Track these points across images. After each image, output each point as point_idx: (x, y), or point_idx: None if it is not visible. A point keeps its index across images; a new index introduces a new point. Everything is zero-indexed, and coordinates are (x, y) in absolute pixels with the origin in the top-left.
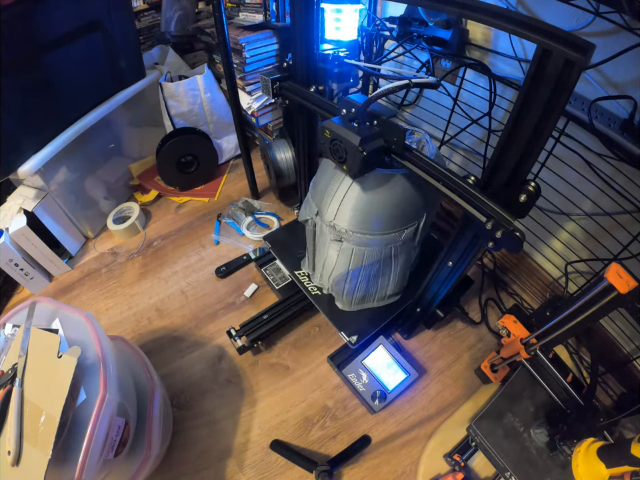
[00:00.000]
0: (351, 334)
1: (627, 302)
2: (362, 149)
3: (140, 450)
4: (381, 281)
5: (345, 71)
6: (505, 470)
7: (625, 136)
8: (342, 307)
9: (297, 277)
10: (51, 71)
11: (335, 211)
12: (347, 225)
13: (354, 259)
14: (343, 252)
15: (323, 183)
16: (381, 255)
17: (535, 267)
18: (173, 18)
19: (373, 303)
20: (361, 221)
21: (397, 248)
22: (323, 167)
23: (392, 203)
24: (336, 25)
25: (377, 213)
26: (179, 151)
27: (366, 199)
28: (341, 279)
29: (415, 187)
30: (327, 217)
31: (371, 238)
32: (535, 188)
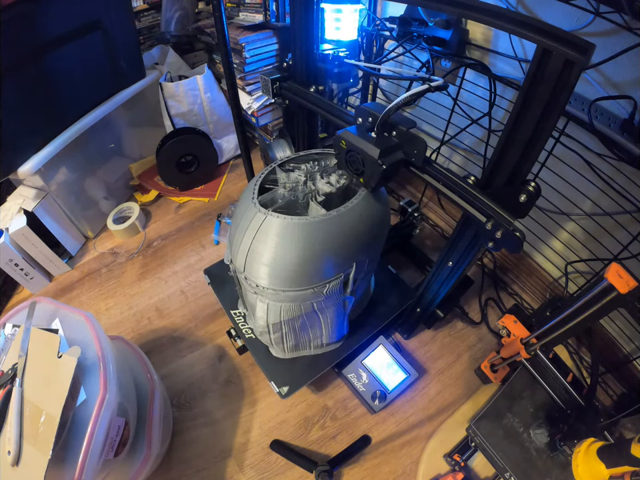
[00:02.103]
0: (282, 384)
1: (627, 302)
2: (381, 162)
3: (140, 450)
4: (311, 332)
5: (344, 70)
6: (504, 470)
7: (625, 136)
8: (276, 354)
9: (232, 317)
10: (51, 71)
11: (243, 263)
12: (257, 279)
13: (271, 314)
14: (259, 305)
15: (232, 229)
16: (301, 311)
17: (534, 267)
18: (172, 18)
19: (310, 350)
20: (272, 277)
21: (319, 303)
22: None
23: (306, 256)
24: (336, 25)
25: (287, 268)
26: (179, 151)
27: (273, 251)
28: (263, 331)
29: (338, 234)
30: (238, 267)
31: (285, 295)
32: (534, 188)
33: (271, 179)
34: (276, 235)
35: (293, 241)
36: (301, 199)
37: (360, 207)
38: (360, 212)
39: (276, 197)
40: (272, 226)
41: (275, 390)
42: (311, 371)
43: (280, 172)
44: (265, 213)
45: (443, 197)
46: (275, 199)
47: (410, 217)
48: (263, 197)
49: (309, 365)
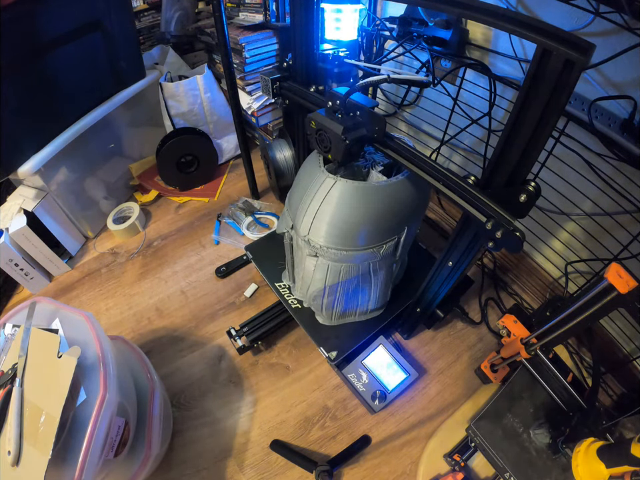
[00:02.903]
0: (331, 349)
1: (627, 302)
2: (345, 138)
3: (140, 450)
4: (361, 297)
5: (344, 70)
6: (504, 470)
7: (624, 136)
8: (322, 322)
9: (278, 290)
10: (51, 71)
11: (308, 226)
12: (322, 241)
13: (330, 275)
14: (318, 267)
15: (297, 196)
16: (359, 271)
17: (534, 267)
18: (172, 18)
19: (355, 317)
20: (336, 236)
21: (375, 264)
22: (298, 178)
23: (368, 217)
24: (336, 25)
25: (353, 228)
26: (179, 151)
27: (340, 213)
28: (318, 294)
29: (394, 200)
30: (301, 231)
31: (346, 254)
32: (534, 188)
33: None
34: (343, 198)
35: (358, 203)
36: (363, 168)
37: (411, 177)
38: (411, 182)
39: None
40: (340, 189)
41: (324, 355)
42: (357, 336)
43: None
44: (334, 178)
45: (442, 197)
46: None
47: None
48: (328, 166)
49: (354, 330)
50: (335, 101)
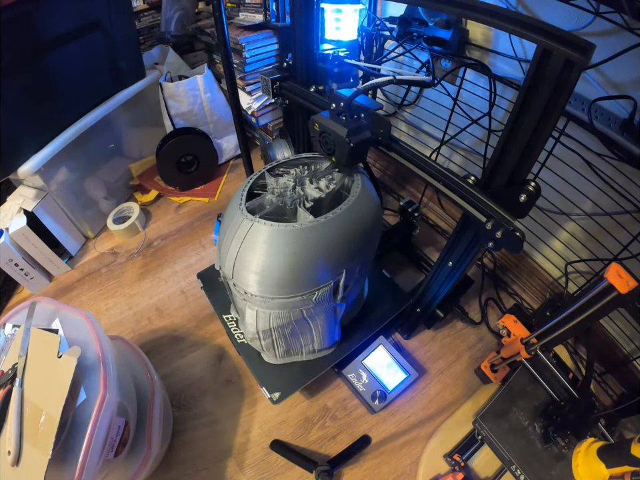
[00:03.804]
0: (273, 390)
1: (626, 302)
2: (349, 140)
3: (140, 450)
4: (302, 339)
5: (344, 70)
6: (510, 463)
7: (625, 136)
8: (267, 360)
9: (225, 322)
10: (51, 71)
11: (231, 270)
12: (245, 287)
13: (260, 320)
14: (248, 312)
15: (221, 235)
16: (291, 317)
17: (535, 267)
18: (172, 18)
19: (302, 356)
20: (260, 284)
21: (309, 310)
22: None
23: (293, 263)
24: (336, 25)
25: (275, 275)
26: (179, 151)
27: (260, 258)
28: (254, 337)
29: (325, 241)
30: (227, 274)
31: (273, 302)
32: (535, 188)
33: (260, 184)
34: (263, 242)
35: (280, 248)
36: (289, 205)
37: (349, 213)
38: (349, 218)
39: (264, 202)
40: (259, 233)
41: (266, 396)
42: (303, 376)
43: (269, 177)
44: (252, 220)
45: (442, 197)
46: (263, 204)
47: (410, 217)
48: (250, 203)
49: (301, 370)
50: (339, 103)
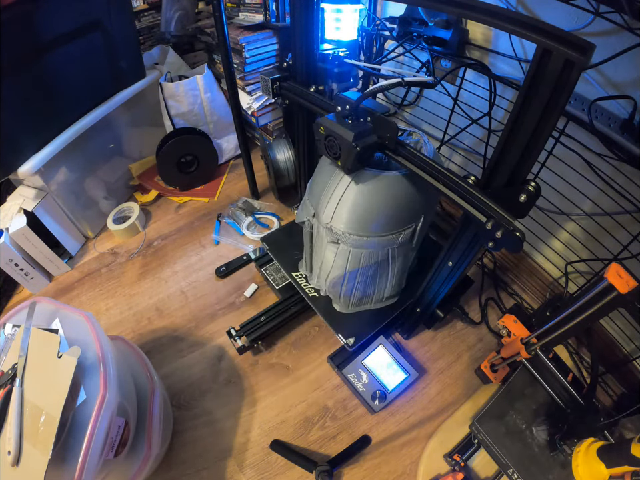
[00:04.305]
0: (348, 336)
1: (626, 302)
2: (355, 145)
3: (140, 450)
4: (378, 283)
5: (344, 70)
6: (507, 467)
7: (625, 136)
8: (339, 309)
9: (295, 279)
10: (51, 71)
11: (331, 213)
12: (344, 227)
13: (351, 261)
14: (339, 254)
15: (319, 185)
16: (378, 257)
17: (535, 267)
18: (172, 18)
19: (371, 305)
20: (358, 223)
21: (394, 250)
22: (320, 168)
23: (389, 205)
24: (336, 25)
25: (374, 215)
26: (179, 151)
27: (363, 200)
28: (338, 281)
29: (412, 189)
30: (323, 218)
31: (367, 240)
32: (535, 188)
33: None
34: (365, 186)
35: (379, 192)
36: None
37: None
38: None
39: None
40: (363, 178)
41: (342, 341)
42: (374, 321)
43: None
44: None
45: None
46: None
47: None
48: None
49: (371, 317)
50: (345, 105)
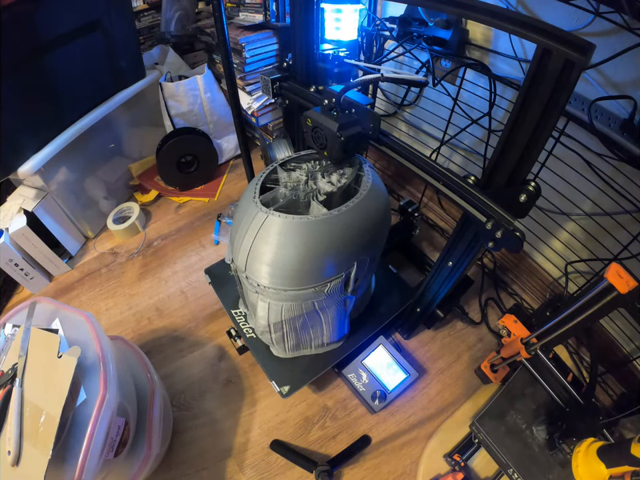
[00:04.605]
0: (283, 384)
1: (626, 302)
2: (340, 135)
3: (140, 450)
4: (312, 332)
5: (344, 70)
6: (507, 467)
7: (625, 136)
8: (277, 354)
9: (234, 317)
10: (51, 71)
11: (244, 262)
12: (258, 279)
13: (272, 313)
14: (260, 304)
15: (234, 228)
16: (302, 310)
17: (535, 267)
18: (172, 18)
19: (311, 350)
20: (273, 276)
21: (321, 302)
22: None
23: (306, 255)
24: (336, 25)
25: (288, 267)
26: (179, 151)
27: (274, 250)
28: (265, 330)
29: (338, 234)
30: (239, 266)
31: (286, 294)
32: (534, 188)
33: (272, 178)
34: (277, 234)
35: (294, 240)
36: (302, 199)
37: (361, 206)
38: (361, 211)
39: (277, 196)
40: (273, 225)
41: (276, 389)
42: (312, 370)
43: (281, 171)
44: (267, 212)
45: (442, 197)
46: (277, 198)
47: (410, 217)
48: (264, 196)
49: (310, 364)
50: (331, 98)
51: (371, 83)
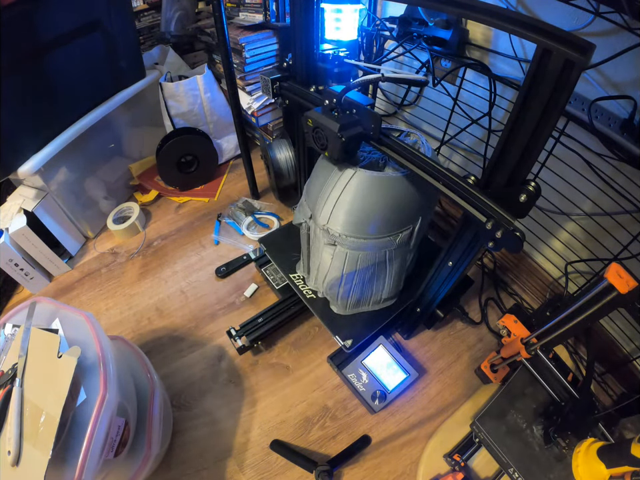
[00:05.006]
0: (346, 338)
1: (626, 302)
2: (341, 135)
3: (140, 450)
4: (375, 285)
5: (344, 70)
6: (508, 466)
7: (625, 136)
8: (337, 311)
9: (292, 280)
10: (51, 71)
11: (328, 215)
12: (340, 229)
13: (348, 263)
14: (336, 256)
15: (316, 186)
16: (375, 259)
17: (535, 267)
18: (172, 18)
19: (368, 306)
20: (355, 225)
21: (391, 252)
22: (317, 170)
23: (386, 207)
24: (336, 24)
25: (371, 217)
26: (179, 151)
27: (359, 202)
28: (335, 283)
29: (410, 191)
30: (320, 220)
31: (364, 242)
32: (534, 188)
33: None
34: (362, 188)
35: (376, 193)
36: (380, 160)
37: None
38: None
39: (357, 157)
40: (359, 180)
41: (339, 343)
42: (371, 323)
43: None
44: (354, 169)
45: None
46: (357, 159)
47: None
48: None
49: (368, 319)
50: (332, 99)
51: (372, 83)
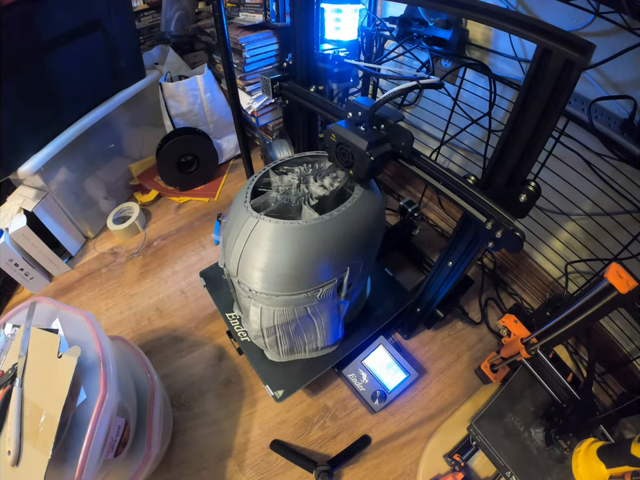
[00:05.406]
0: (277, 388)
1: (626, 302)
2: (369, 154)
3: (140, 450)
4: (306, 336)
5: (344, 70)
6: (505, 469)
7: (625, 136)
8: (271, 358)
9: (228, 320)
10: (51, 71)
11: (236, 267)
12: (250, 284)
13: (264, 318)
14: (252, 309)
15: (227, 231)
16: (295, 315)
17: (535, 267)
18: (172, 18)
19: (305, 354)
20: (263, 280)
21: (313, 307)
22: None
23: (299, 260)
24: (336, 25)
25: (282, 272)
26: (179, 151)
27: (265, 254)
28: (258, 334)
29: (330, 239)
30: (231, 272)
31: (277, 299)
32: (534, 188)
33: (264, 182)
34: (268, 239)
35: (285, 245)
36: (294, 203)
37: (353, 210)
38: (353, 215)
39: (268, 200)
40: (264, 230)
41: (270, 393)
42: (306, 374)
43: (273, 175)
44: (257, 217)
45: (442, 197)
46: (268, 202)
47: (410, 217)
48: (255, 201)
49: (304, 368)
50: (357, 112)
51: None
